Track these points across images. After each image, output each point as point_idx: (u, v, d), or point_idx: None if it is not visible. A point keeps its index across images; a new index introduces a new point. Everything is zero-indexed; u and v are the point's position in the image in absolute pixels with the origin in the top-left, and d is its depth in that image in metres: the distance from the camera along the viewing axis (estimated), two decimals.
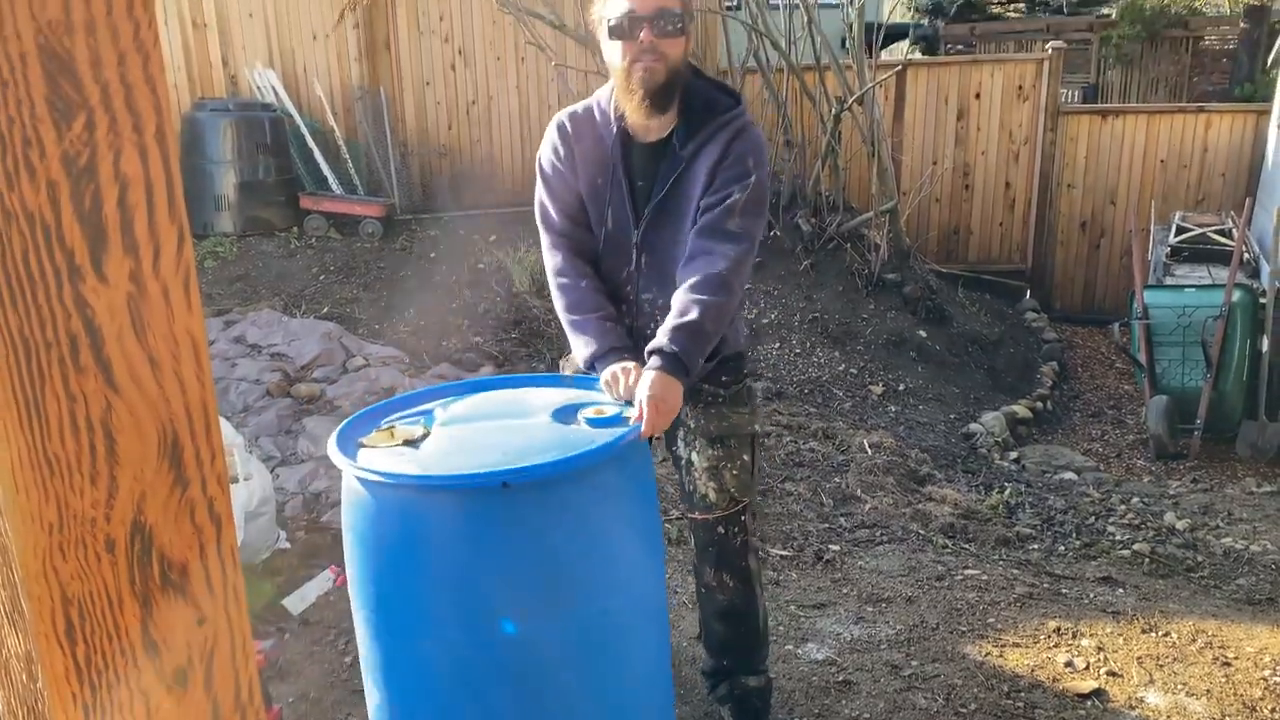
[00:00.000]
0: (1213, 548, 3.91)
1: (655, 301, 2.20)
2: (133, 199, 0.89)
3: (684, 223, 2.14)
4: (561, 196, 2.24)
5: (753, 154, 2.13)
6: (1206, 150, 8.37)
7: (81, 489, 0.90)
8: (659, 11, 2.05)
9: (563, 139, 2.23)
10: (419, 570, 1.75)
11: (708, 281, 2.03)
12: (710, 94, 2.19)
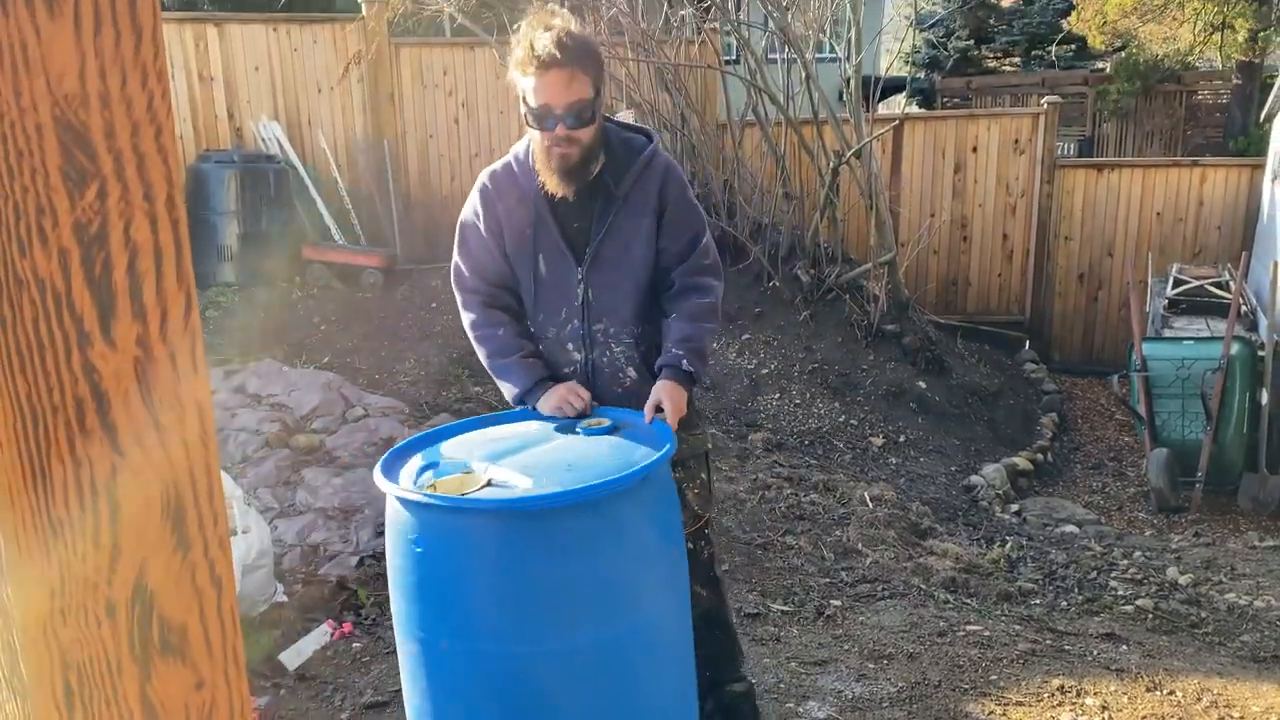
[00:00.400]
0: (1216, 603, 3.88)
1: (608, 330, 2.37)
2: (142, 266, 0.90)
3: (627, 255, 2.33)
4: (477, 256, 2.39)
5: (687, 189, 2.41)
6: (1202, 204, 8.44)
7: (84, 553, 0.91)
8: (571, 106, 2.18)
9: (484, 201, 2.37)
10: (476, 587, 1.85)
11: (703, 310, 2.34)
12: (624, 135, 2.39)
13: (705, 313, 2.34)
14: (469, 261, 2.41)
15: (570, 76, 2.15)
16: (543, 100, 2.17)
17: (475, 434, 2.20)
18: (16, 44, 0.81)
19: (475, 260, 2.40)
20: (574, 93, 2.17)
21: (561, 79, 2.15)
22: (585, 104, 2.19)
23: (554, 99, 2.17)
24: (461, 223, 2.42)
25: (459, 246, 2.43)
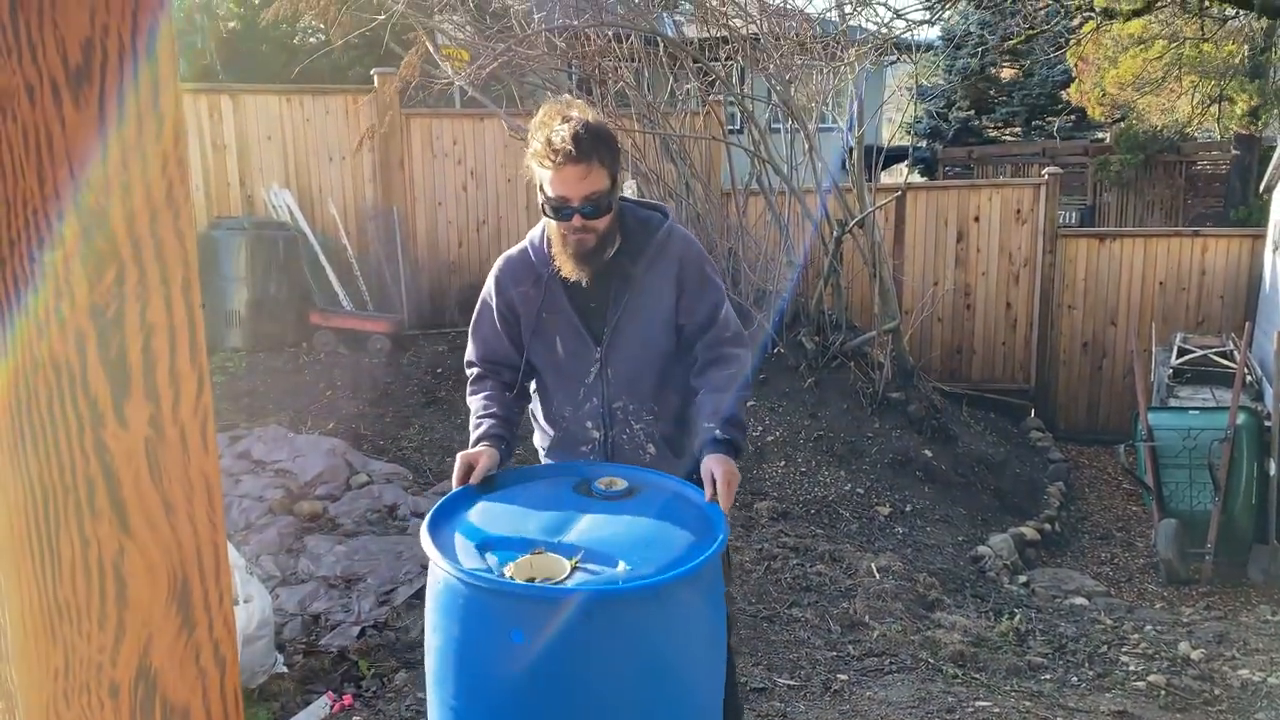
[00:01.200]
0: (1229, 679, 3.82)
1: (627, 408, 2.39)
2: (156, 347, 0.91)
3: (646, 334, 2.35)
4: (485, 337, 2.45)
5: (706, 261, 2.42)
6: (1204, 273, 8.49)
7: (89, 634, 0.90)
8: (587, 199, 2.21)
9: (498, 286, 2.42)
10: (568, 673, 1.80)
11: (732, 381, 2.33)
12: (640, 213, 2.40)
13: (732, 383, 2.33)
14: (477, 341, 2.47)
15: (586, 170, 2.18)
16: (559, 192, 2.21)
17: (498, 505, 2.10)
18: (42, 133, 0.84)
19: (483, 340, 2.46)
20: (590, 184, 2.20)
21: (577, 173, 2.18)
22: (601, 195, 2.22)
23: (570, 191, 2.20)
24: (478, 306, 2.47)
25: (472, 326, 2.48)
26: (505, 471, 2.24)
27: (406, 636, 3.73)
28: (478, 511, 2.06)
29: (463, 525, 2.00)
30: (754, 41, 7.30)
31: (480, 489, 2.14)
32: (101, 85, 0.84)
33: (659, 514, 2.06)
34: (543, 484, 2.21)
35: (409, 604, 4.04)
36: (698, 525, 2.01)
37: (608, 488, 2.13)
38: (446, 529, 1.99)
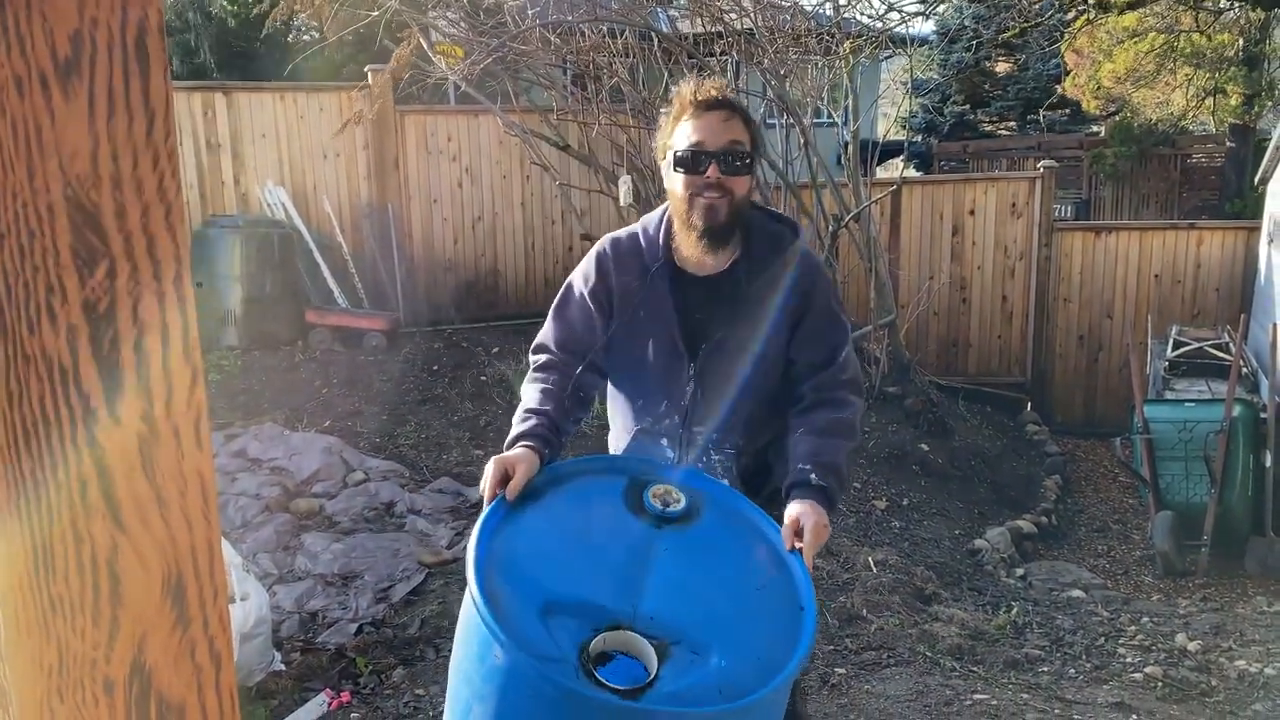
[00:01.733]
0: (1226, 670, 3.82)
1: (709, 436, 2.14)
2: (149, 343, 0.91)
3: (747, 359, 2.10)
4: (570, 321, 2.17)
5: (833, 296, 2.17)
6: (1200, 266, 8.50)
7: (83, 630, 0.90)
8: (728, 147, 2.00)
9: (599, 268, 2.15)
10: None
11: (840, 425, 2.07)
12: (770, 226, 2.16)
13: (839, 428, 2.06)
14: (560, 323, 2.18)
15: (728, 117, 2.01)
16: (696, 139, 2.00)
17: (546, 533, 1.84)
18: (31, 126, 0.83)
19: (567, 325, 2.17)
20: (732, 131, 2.00)
21: (719, 118, 2.00)
22: (742, 148, 2.01)
23: (709, 137, 1.99)
24: (568, 284, 2.20)
25: (555, 308, 2.20)
26: (541, 472, 1.94)
27: (404, 633, 3.73)
28: (525, 545, 1.79)
29: (513, 572, 1.72)
30: (748, 36, 7.30)
31: (518, 503, 1.85)
32: (91, 78, 0.84)
33: (734, 560, 1.85)
34: (589, 492, 1.94)
35: (406, 601, 4.04)
36: (779, 583, 1.81)
37: (664, 506, 1.87)
38: (496, 578, 1.69)
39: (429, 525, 4.84)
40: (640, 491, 1.88)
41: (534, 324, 2.41)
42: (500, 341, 7.60)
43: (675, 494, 1.88)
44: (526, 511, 1.84)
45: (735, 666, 1.65)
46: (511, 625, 1.60)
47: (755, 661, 1.67)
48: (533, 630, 1.62)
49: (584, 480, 1.95)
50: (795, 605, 1.78)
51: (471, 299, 8.40)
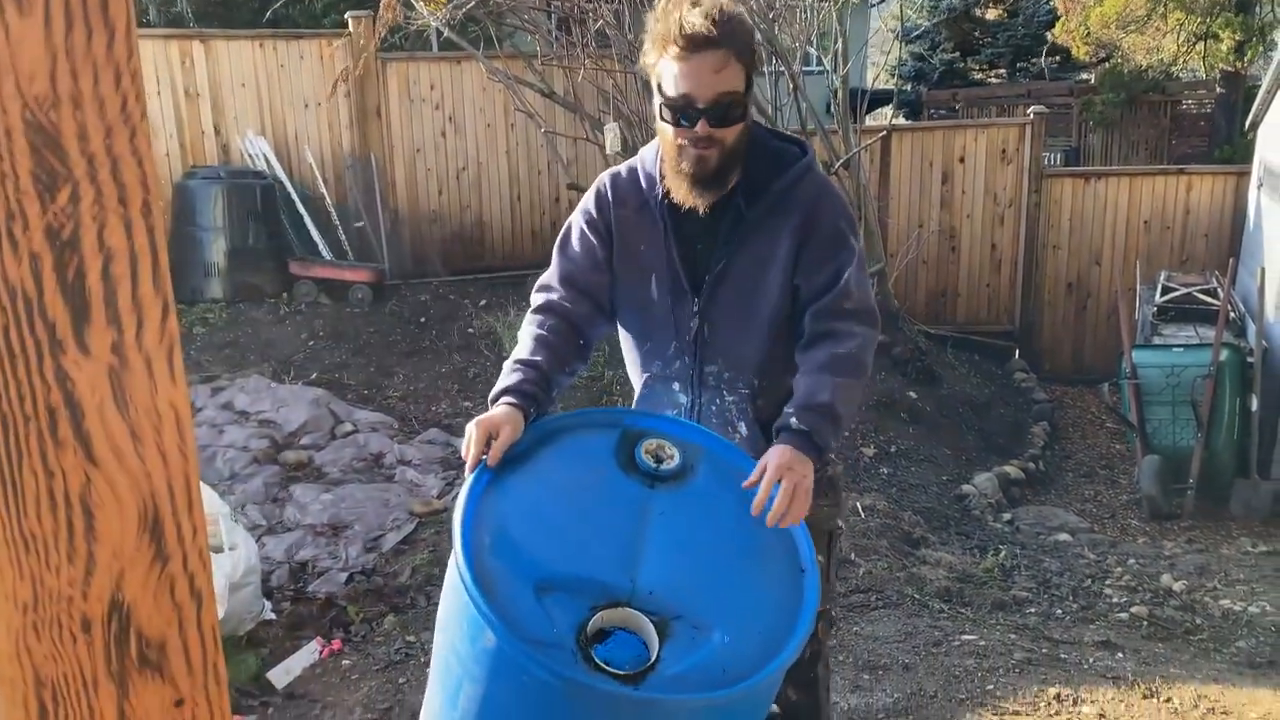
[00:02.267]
0: (1211, 610, 3.87)
1: (721, 375, 2.01)
2: (117, 271, 0.88)
3: (753, 290, 1.96)
4: (572, 259, 2.05)
5: (843, 217, 1.97)
6: (1189, 212, 8.48)
7: (58, 566, 0.88)
8: (718, 99, 1.82)
9: (598, 204, 2.04)
10: None
11: (837, 361, 1.87)
12: (773, 144, 2.00)
13: (838, 364, 1.87)
14: (563, 259, 2.07)
15: (722, 62, 1.79)
16: (684, 89, 1.81)
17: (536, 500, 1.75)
18: None
19: (570, 262, 2.06)
20: (724, 82, 1.81)
21: (710, 64, 1.79)
22: (735, 98, 1.83)
23: (698, 89, 1.80)
24: (569, 222, 2.09)
25: (558, 246, 2.09)
26: (529, 429, 1.82)
27: (395, 582, 3.73)
28: (515, 516, 1.70)
29: (503, 547, 1.64)
30: None
31: (504, 467, 1.75)
32: None
33: (731, 521, 1.76)
34: (578, 451, 1.84)
35: (397, 550, 4.05)
36: (779, 543, 1.73)
37: (657, 463, 1.78)
38: (486, 555, 1.62)
39: (419, 475, 4.84)
40: (632, 447, 1.79)
41: (521, 276, 2.34)
42: (487, 294, 7.55)
43: (668, 449, 1.80)
44: (513, 476, 1.75)
45: (738, 641, 1.60)
46: (505, 607, 1.54)
47: (759, 633, 1.63)
48: (527, 611, 1.55)
49: (572, 437, 1.86)
50: (796, 567, 1.73)
51: (457, 251, 8.32)
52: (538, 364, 1.89)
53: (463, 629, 1.59)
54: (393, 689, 2.99)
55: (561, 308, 2.01)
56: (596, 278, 2.03)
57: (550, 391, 1.90)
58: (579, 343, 2.01)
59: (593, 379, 6.09)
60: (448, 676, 1.67)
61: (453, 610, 1.64)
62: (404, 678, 3.04)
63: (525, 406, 1.81)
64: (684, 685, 1.53)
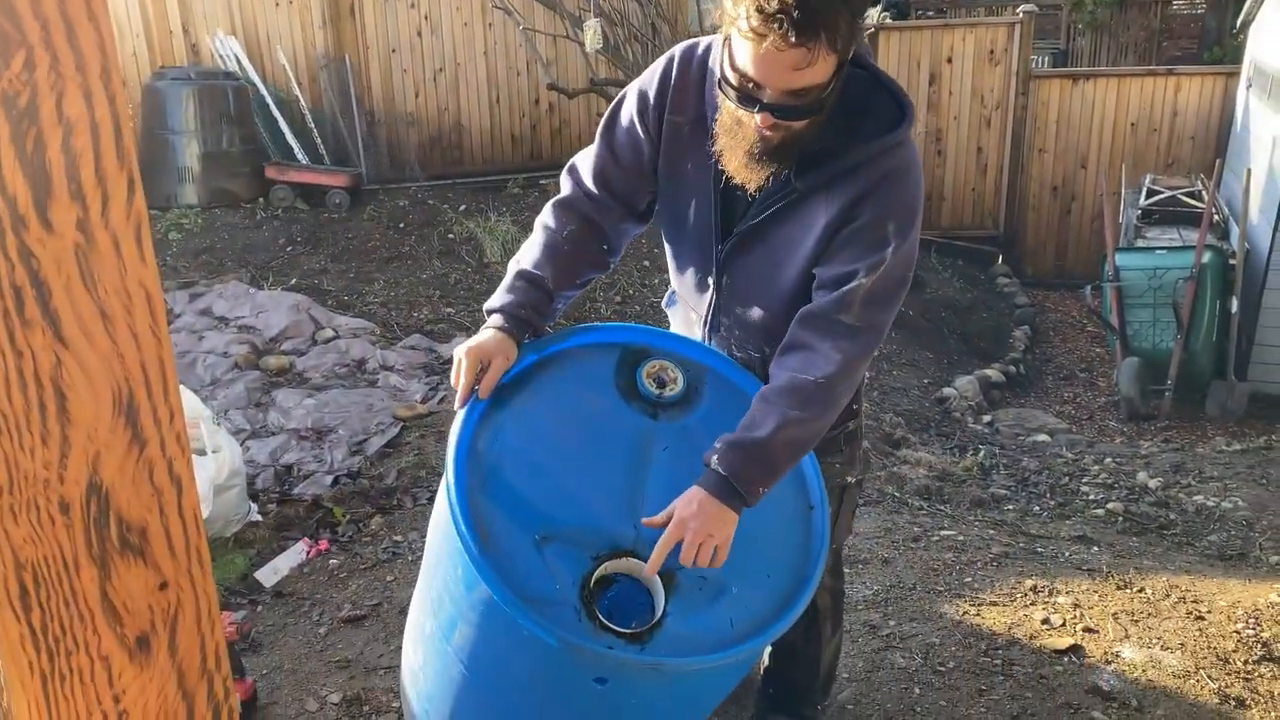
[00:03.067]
0: (1185, 505, 3.95)
1: (733, 330, 1.80)
2: (78, 144, 0.84)
3: (777, 266, 1.70)
4: (615, 148, 1.77)
5: (896, 215, 1.59)
6: (1176, 114, 8.39)
7: (32, 448, 0.86)
8: (792, 95, 1.46)
9: (659, 92, 1.71)
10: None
11: (798, 390, 1.57)
12: (866, 99, 1.61)
13: (797, 394, 1.57)
14: (602, 150, 1.79)
15: (805, 57, 1.40)
16: (752, 73, 1.46)
17: (534, 435, 1.63)
18: None
19: (609, 155, 1.78)
20: (804, 78, 1.44)
21: (791, 60, 1.41)
22: (815, 91, 1.47)
23: (769, 78, 1.45)
24: (623, 95, 1.78)
25: (603, 125, 1.80)
26: (523, 350, 1.69)
27: (381, 484, 3.75)
28: (511, 456, 1.59)
29: (500, 491, 1.55)
30: None
31: (498, 399, 1.63)
32: None
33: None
34: (577, 377, 1.70)
35: (382, 453, 4.06)
36: (787, 479, 1.63)
37: (660, 388, 1.67)
38: (482, 500, 1.53)
39: (402, 381, 4.82)
40: (633, 370, 1.68)
41: (501, 181, 2.20)
42: (467, 199, 7.44)
43: (671, 371, 1.69)
44: (508, 410, 1.63)
45: (747, 590, 1.55)
46: (503, 562, 1.46)
47: (766, 581, 1.58)
48: (527, 565, 1.48)
49: (570, 362, 1.71)
50: (805, 504, 1.66)
51: (436, 155, 8.17)
52: (542, 281, 1.71)
53: (457, 573, 1.53)
54: (381, 586, 3.03)
55: (587, 207, 1.79)
56: (638, 181, 1.78)
57: (552, 307, 1.74)
58: (601, 249, 1.81)
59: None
60: (440, 609, 1.64)
61: (446, 551, 1.57)
62: (392, 575, 3.08)
63: (516, 334, 1.67)
64: (690, 643, 1.49)
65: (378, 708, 2.45)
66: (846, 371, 1.59)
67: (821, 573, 1.61)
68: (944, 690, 2.49)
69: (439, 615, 1.65)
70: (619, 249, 1.86)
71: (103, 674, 0.91)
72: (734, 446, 1.54)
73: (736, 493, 1.52)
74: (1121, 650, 2.66)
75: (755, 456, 1.53)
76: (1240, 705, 2.45)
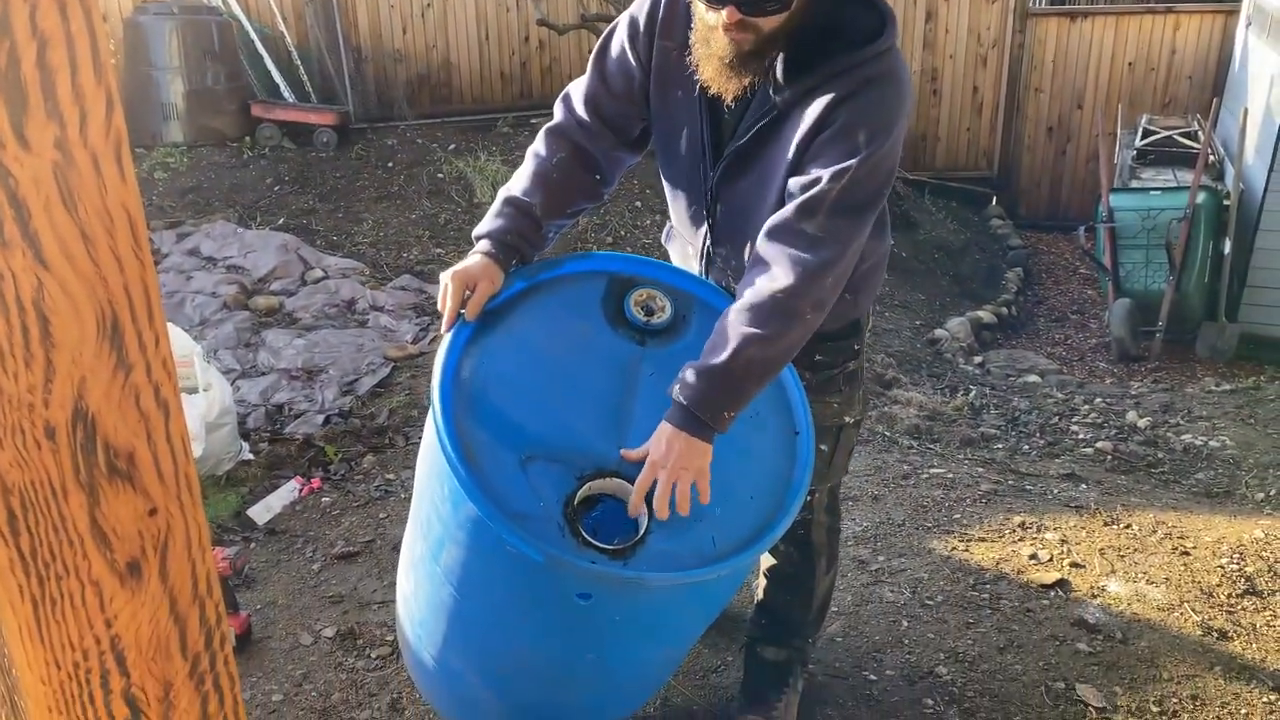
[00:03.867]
0: (1173, 444, 3.97)
1: (729, 260, 1.79)
2: (53, 59, 0.82)
3: (766, 185, 1.67)
4: (607, 73, 1.77)
5: (870, 123, 1.54)
6: (1175, 52, 8.30)
7: (15, 372, 0.85)
8: None
9: (649, 17, 1.72)
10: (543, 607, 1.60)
11: (755, 307, 1.52)
12: (845, 11, 1.59)
13: (755, 311, 1.52)
14: (593, 79, 1.79)
15: None
16: None
17: (518, 358, 1.64)
18: None
19: (601, 81, 1.78)
20: None
21: None
22: None
23: None
24: (616, 22, 1.78)
25: (596, 53, 1.79)
26: (508, 277, 1.69)
27: (372, 423, 3.75)
28: (497, 378, 1.60)
29: (485, 412, 1.56)
30: None
31: (484, 324, 1.64)
32: None
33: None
34: (564, 303, 1.70)
35: (373, 393, 4.05)
36: (773, 404, 1.66)
37: (648, 315, 1.68)
38: (468, 421, 1.53)
39: (392, 321, 4.80)
40: (621, 297, 1.69)
41: (491, 120, 2.18)
42: (456, 138, 7.34)
43: (660, 299, 1.69)
44: (494, 333, 1.64)
45: (730, 510, 1.56)
46: (488, 480, 1.48)
47: (749, 503, 1.59)
48: (511, 483, 1.50)
49: (557, 288, 1.72)
50: (790, 429, 1.67)
51: (424, 93, 8.05)
52: (529, 208, 1.71)
53: (444, 492, 1.55)
54: (374, 523, 3.04)
55: (579, 134, 1.78)
56: (629, 108, 1.77)
57: (540, 236, 1.73)
58: (592, 178, 1.80)
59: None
60: (429, 531, 1.66)
61: (433, 471, 1.59)
62: (384, 513, 3.09)
63: (502, 259, 1.66)
64: (672, 559, 1.50)
65: (371, 641, 2.48)
66: (808, 284, 1.53)
67: (804, 496, 1.62)
68: (932, 623, 2.53)
69: (428, 537, 1.67)
70: (611, 179, 1.84)
71: (94, 599, 0.91)
72: (698, 375, 1.51)
73: (702, 423, 1.51)
74: (1107, 585, 2.70)
75: (717, 383, 1.51)
76: (1223, 637, 2.49)
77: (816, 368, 1.86)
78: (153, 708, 0.95)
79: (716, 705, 2.23)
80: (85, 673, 0.91)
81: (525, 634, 1.65)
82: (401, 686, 2.30)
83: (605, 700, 1.88)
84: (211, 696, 0.99)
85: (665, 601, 1.60)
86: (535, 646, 1.66)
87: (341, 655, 2.44)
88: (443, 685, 1.87)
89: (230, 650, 1.01)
